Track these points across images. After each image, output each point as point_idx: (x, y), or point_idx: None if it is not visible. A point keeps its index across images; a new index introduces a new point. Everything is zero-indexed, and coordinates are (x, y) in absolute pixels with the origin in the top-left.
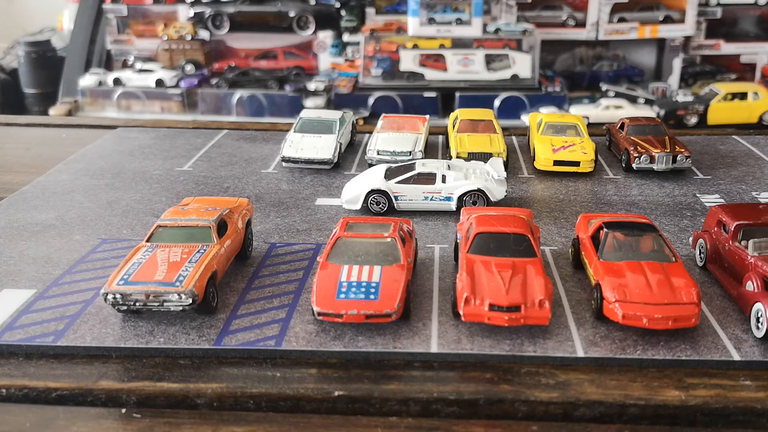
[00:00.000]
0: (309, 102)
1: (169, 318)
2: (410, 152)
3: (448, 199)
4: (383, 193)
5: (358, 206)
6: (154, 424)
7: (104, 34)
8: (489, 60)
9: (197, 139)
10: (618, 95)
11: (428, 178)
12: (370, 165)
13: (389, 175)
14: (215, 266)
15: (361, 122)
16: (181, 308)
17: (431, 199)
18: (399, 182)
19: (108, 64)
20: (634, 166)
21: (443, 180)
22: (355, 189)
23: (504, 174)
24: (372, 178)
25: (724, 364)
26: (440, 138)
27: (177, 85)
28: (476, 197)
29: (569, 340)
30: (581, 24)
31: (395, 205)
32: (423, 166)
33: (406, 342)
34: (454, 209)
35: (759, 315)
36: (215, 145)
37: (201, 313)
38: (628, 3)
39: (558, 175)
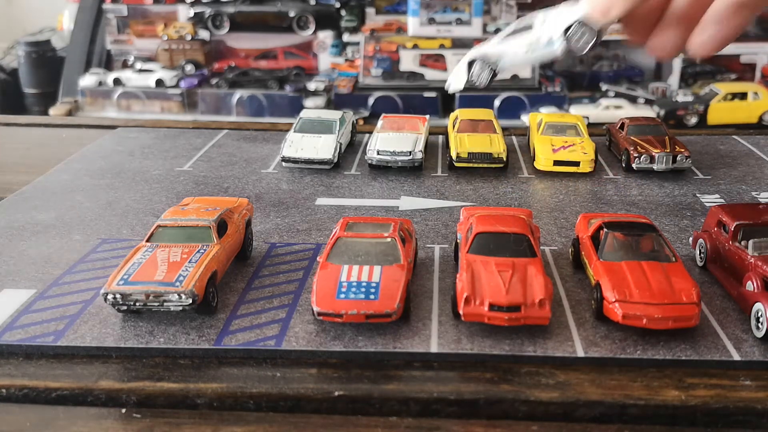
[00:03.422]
0: (309, 102)
1: (169, 318)
2: (410, 152)
3: (550, 44)
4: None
5: (461, 85)
6: (154, 424)
7: (104, 34)
8: None
9: (197, 139)
10: (618, 95)
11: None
12: (370, 165)
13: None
14: (215, 266)
15: (361, 122)
16: (181, 308)
17: (533, 51)
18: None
19: (108, 64)
20: (634, 166)
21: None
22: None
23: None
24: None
25: (724, 364)
26: (440, 138)
27: (177, 85)
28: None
29: (569, 340)
30: None
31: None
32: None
33: (406, 342)
34: (559, 54)
35: (759, 315)
36: (215, 145)
37: (201, 313)
38: None
39: (558, 175)
